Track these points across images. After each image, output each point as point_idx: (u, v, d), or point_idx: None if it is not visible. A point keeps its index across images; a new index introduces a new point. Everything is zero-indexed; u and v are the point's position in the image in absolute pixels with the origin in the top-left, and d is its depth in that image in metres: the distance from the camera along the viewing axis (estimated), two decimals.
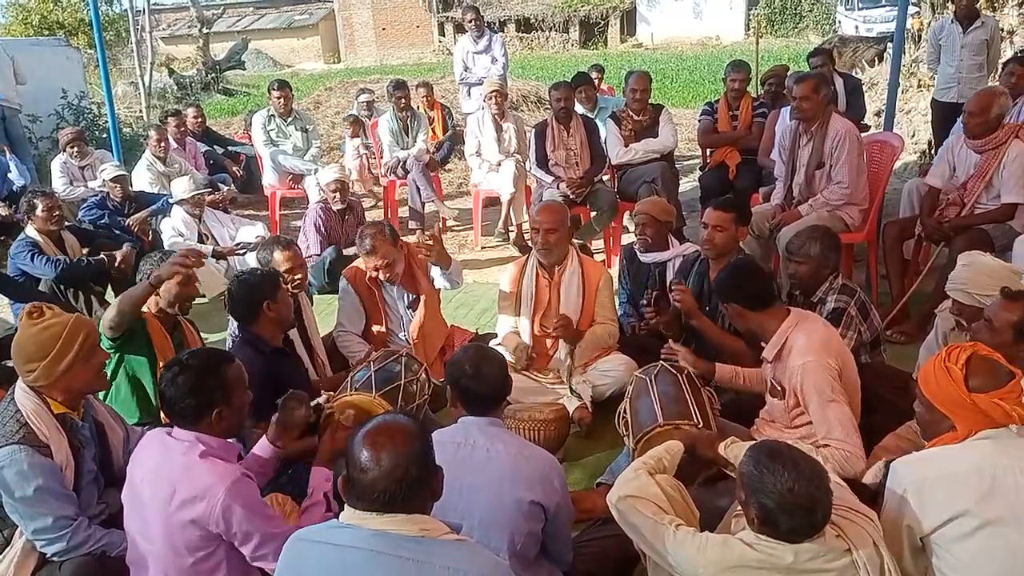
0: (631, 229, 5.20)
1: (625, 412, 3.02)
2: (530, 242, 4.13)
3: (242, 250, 5.73)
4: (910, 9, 7.29)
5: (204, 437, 2.23)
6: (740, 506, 1.98)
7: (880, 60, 11.09)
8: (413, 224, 7.11)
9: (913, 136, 8.58)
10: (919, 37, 9.90)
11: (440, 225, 5.93)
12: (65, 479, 2.41)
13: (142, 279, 3.20)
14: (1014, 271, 3.04)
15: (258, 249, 4.25)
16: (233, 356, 2.47)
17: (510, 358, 3.73)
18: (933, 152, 6.79)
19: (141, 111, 13.00)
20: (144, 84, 13.32)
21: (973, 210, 4.33)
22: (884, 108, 6.35)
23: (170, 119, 7.44)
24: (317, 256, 5.60)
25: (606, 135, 6.11)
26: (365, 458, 1.68)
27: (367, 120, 8.73)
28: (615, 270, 4.83)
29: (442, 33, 31.17)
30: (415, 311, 4.12)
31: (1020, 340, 2.62)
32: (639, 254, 4.21)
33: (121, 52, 21.21)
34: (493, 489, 2.21)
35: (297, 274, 3.81)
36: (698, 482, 2.63)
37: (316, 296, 5.53)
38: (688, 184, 7.73)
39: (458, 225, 7.43)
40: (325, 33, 32.87)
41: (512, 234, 6.63)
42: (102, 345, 3.09)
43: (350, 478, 1.71)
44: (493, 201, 6.90)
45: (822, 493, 1.84)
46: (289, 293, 3.53)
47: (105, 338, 3.05)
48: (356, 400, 2.97)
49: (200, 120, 8.32)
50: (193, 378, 2.23)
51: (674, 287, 3.64)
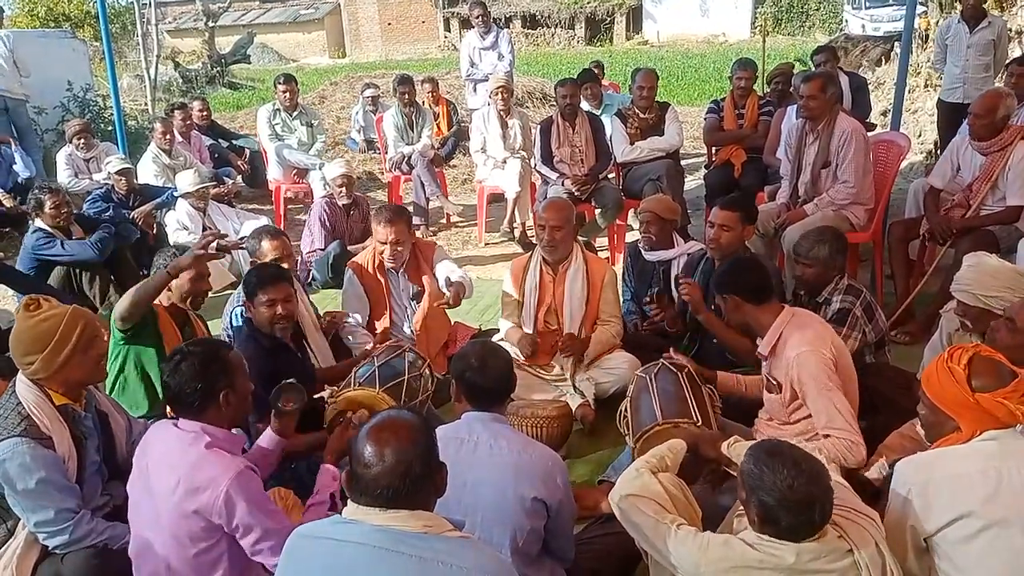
0: (635, 227, 5.19)
1: (626, 411, 3.02)
2: (534, 239, 4.13)
3: (246, 243, 5.72)
4: (917, 8, 7.26)
5: (210, 428, 2.24)
6: (742, 506, 1.98)
7: (887, 59, 11.05)
8: (418, 220, 7.10)
9: (920, 136, 8.56)
10: (926, 37, 9.87)
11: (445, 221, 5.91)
12: (68, 471, 2.42)
13: (156, 272, 3.21)
14: (1020, 272, 3.02)
15: (246, 239, 4.26)
16: (230, 344, 2.47)
17: (514, 352, 3.73)
18: (939, 152, 6.76)
19: (146, 104, 13.02)
20: (149, 77, 13.34)
21: (979, 212, 4.31)
22: (891, 107, 6.33)
23: (176, 112, 7.43)
24: (322, 251, 5.60)
25: (612, 132, 6.10)
26: (369, 453, 1.68)
27: (372, 115, 8.71)
28: (619, 267, 4.83)
29: (448, 28, 31.14)
30: (419, 303, 4.16)
31: None
32: (644, 252, 4.20)
33: (127, 45, 21.26)
34: (496, 485, 2.21)
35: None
36: (700, 481, 2.63)
37: (320, 291, 5.55)
38: (693, 182, 7.71)
39: (462, 221, 7.44)
40: (330, 27, 32.84)
41: (517, 231, 6.63)
42: (113, 336, 3.11)
43: (354, 473, 1.70)
44: (497, 197, 6.89)
45: (821, 491, 1.84)
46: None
47: (116, 329, 3.06)
48: (359, 395, 2.98)
49: (205, 113, 8.32)
50: (197, 364, 2.25)
51: (681, 282, 3.63)
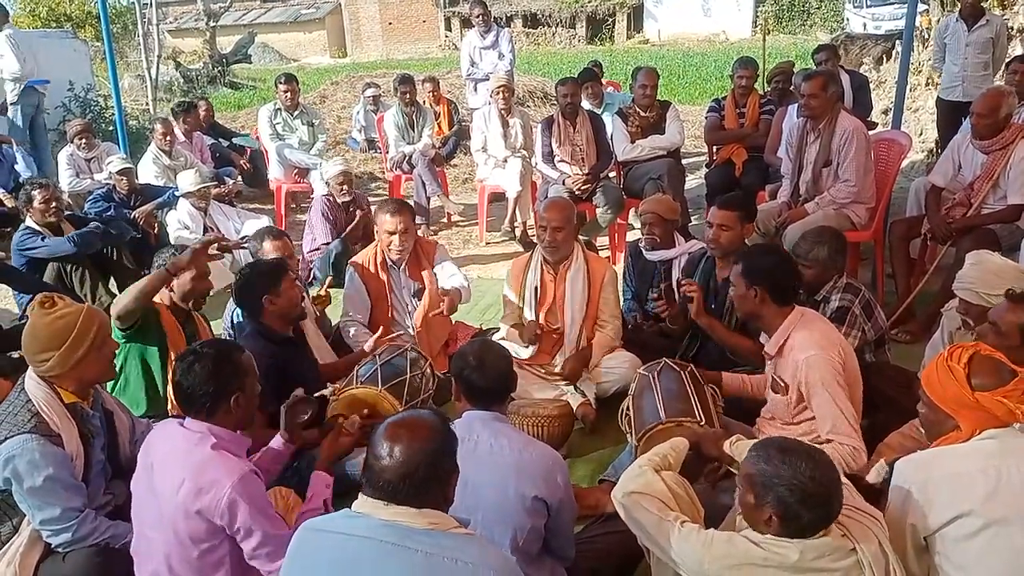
0: (636, 226, 5.19)
1: (628, 409, 3.01)
2: (535, 238, 4.13)
3: (247, 244, 5.72)
4: (919, 7, 7.25)
5: (216, 429, 2.24)
6: (743, 508, 1.96)
7: (888, 58, 11.03)
8: (419, 219, 7.09)
9: (921, 135, 8.55)
10: (927, 35, 9.86)
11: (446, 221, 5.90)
12: (75, 469, 2.42)
13: (155, 270, 3.21)
14: (1022, 271, 3.02)
15: (248, 240, 4.26)
16: (242, 346, 2.48)
17: (515, 349, 3.73)
18: (940, 151, 6.75)
19: (147, 104, 13.04)
20: (151, 77, 13.37)
21: (980, 210, 4.31)
22: (892, 106, 6.32)
23: (183, 114, 7.36)
24: (326, 245, 5.58)
25: (612, 131, 6.10)
26: (381, 447, 1.71)
27: (373, 114, 8.70)
28: (620, 267, 4.82)
29: (448, 28, 31.16)
30: (420, 300, 4.18)
31: None
32: (645, 252, 4.20)
33: (128, 45, 21.30)
34: (496, 484, 2.21)
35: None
36: (703, 479, 2.62)
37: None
38: (694, 181, 7.71)
39: (463, 220, 7.44)
40: (331, 27, 32.86)
41: (518, 231, 6.62)
42: (112, 335, 3.11)
43: (367, 463, 1.74)
44: (498, 197, 6.89)
45: (836, 483, 1.84)
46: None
47: (116, 328, 3.06)
48: (361, 394, 2.98)
49: (208, 113, 8.32)
50: (211, 366, 2.25)
51: (684, 284, 3.63)
